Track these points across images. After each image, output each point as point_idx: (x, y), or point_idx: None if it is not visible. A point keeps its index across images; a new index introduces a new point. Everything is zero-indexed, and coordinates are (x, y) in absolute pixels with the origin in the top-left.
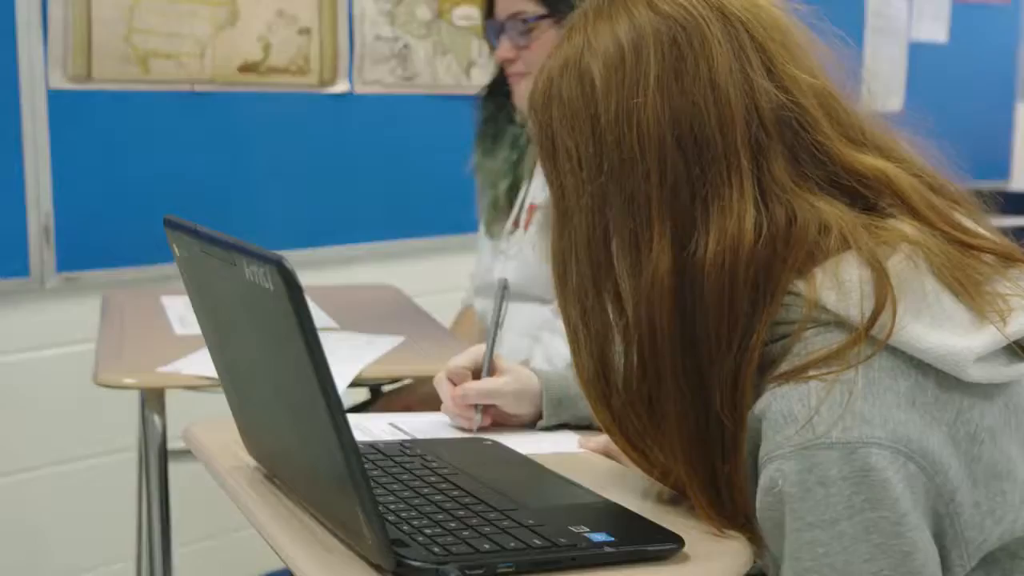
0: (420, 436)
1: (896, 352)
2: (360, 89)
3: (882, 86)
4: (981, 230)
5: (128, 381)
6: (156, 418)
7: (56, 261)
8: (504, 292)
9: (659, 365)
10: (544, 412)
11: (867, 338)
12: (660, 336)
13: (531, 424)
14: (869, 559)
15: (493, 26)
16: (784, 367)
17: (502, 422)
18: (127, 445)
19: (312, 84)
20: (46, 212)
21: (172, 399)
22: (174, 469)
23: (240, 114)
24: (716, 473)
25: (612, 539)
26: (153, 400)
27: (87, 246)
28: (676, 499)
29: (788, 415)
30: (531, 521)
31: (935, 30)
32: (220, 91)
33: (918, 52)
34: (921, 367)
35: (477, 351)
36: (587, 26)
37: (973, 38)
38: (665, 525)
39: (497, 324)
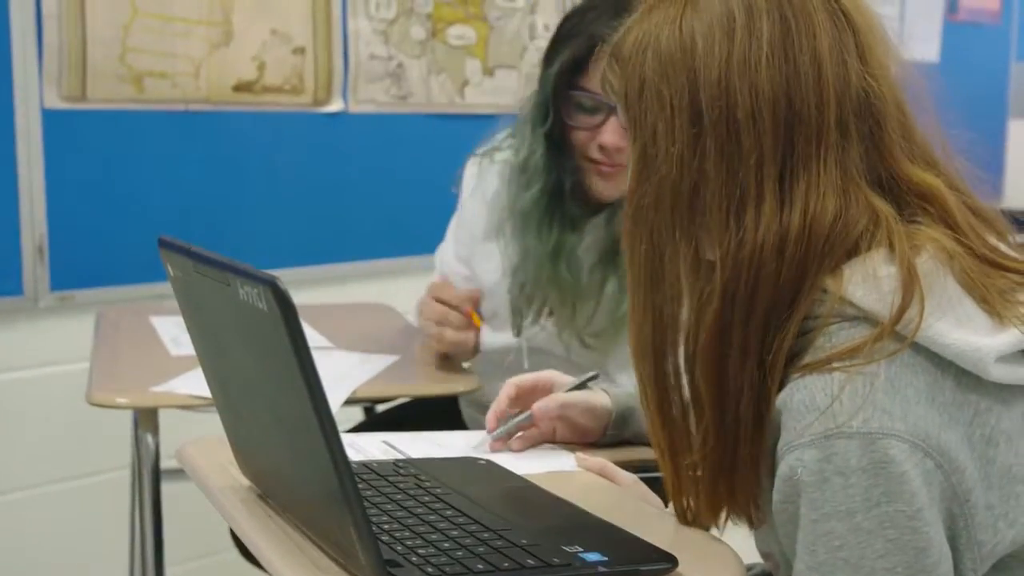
0: (414, 455)
1: (919, 349)
2: (354, 108)
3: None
4: (1011, 252)
5: (121, 401)
6: (149, 437)
7: (50, 280)
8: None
9: (732, 333)
10: (611, 425)
11: (892, 334)
12: (739, 303)
13: (595, 442)
14: (883, 555)
15: (598, 103)
16: (807, 359)
17: (568, 440)
18: (120, 464)
19: (306, 103)
20: (40, 231)
21: (166, 418)
22: (167, 488)
23: (234, 133)
24: (736, 461)
25: (605, 559)
26: (146, 419)
27: (81, 265)
28: (670, 519)
29: (810, 404)
30: (525, 541)
31: (926, 49)
32: (214, 110)
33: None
34: (941, 366)
35: (545, 375)
36: None
37: (964, 57)
38: (659, 545)
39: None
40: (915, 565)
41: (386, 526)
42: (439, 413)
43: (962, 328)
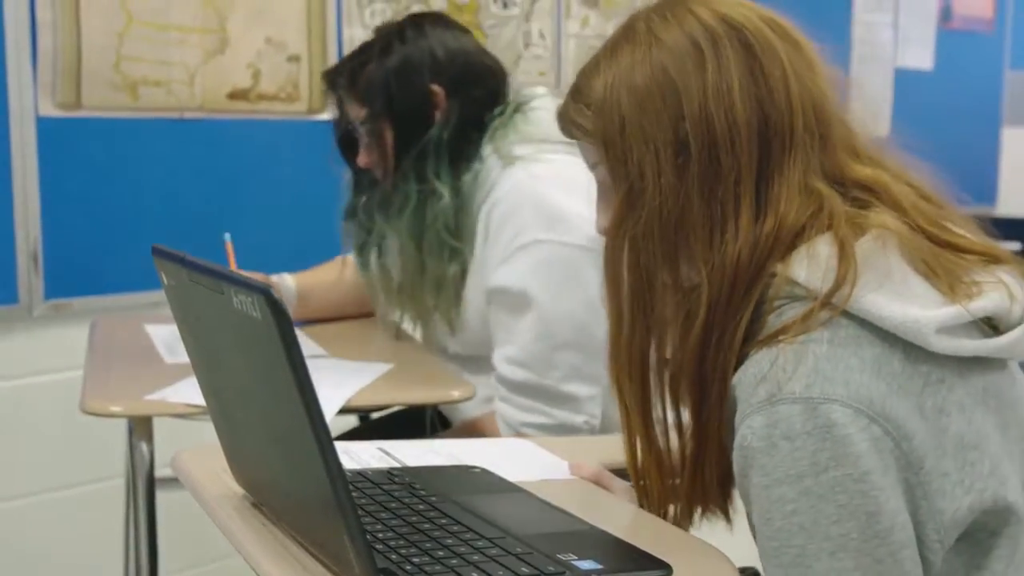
0: (410, 463)
1: (864, 324)
2: None
3: (868, 112)
4: (967, 234)
5: (115, 409)
6: (144, 446)
7: (44, 288)
8: None
9: (714, 343)
10: None
11: (828, 306)
12: (721, 314)
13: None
14: (836, 520)
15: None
16: (760, 337)
17: None
18: (115, 473)
19: (301, 111)
20: (34, 239)
21: (160, 427)
22: (162, 497)
23: (229, 141)
24: (709, 454)
25: (599, 567)
26: (141, 428)
27: (75, 273)
28: (664, 526)
29: (758, 375)
30: (519, 549)
31: (920, 57)
32: (209, 118)
33: (904, 79)
34: (888, 339)
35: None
36: (646, 26)
37: (958, 65)
38: (653, 552)
39: None
40: (867, 531)
41: (380, 535)
42: (432, 421)
43: (900, 301)
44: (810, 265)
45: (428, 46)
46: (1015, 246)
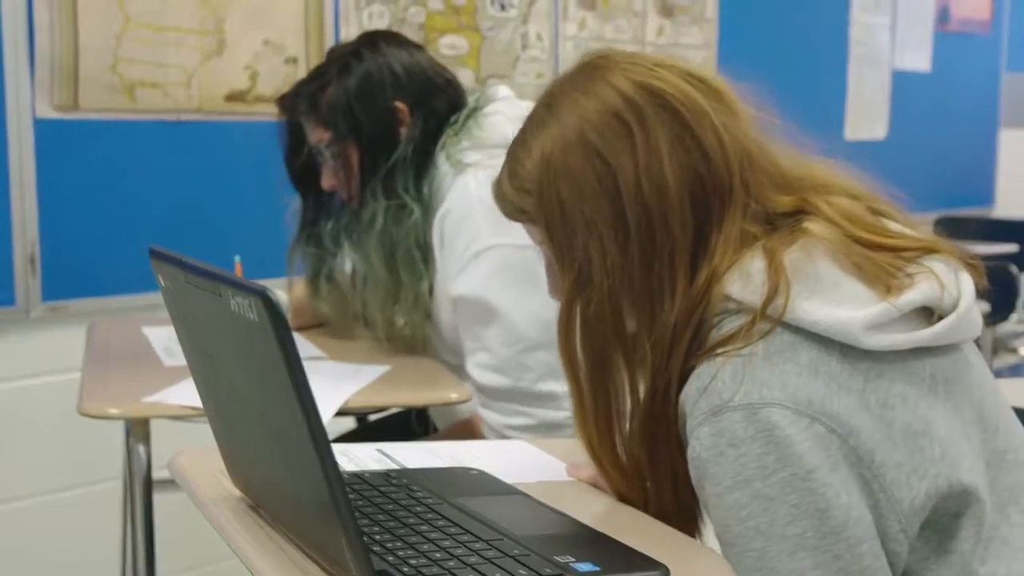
0: (409, 464)
1: (798, 330)
2: None
3: (866, 115)
4: (907, 232)
5: (112, 411)
6: (141, 448)
7: (41, 290)
8: None
9: (661, 389)
10: None
11: (764, 317)
12: (664, 369)
13: None
14: (791, 520)
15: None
16: (700, 351)
17: None
18: (112, 474)
19: None
20: (32, 241)
21: (157, 428)
22: (159, 499)
23: (226, 143)
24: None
25: (597, 568)
26: (138, 430)
27: (73, 275)
28: (661, 528)
29: (700, 388)
30: (516, 551)
31: (918, 59)
32: (206, 120)
33: (901, 81)
34: (823, 341)
35: None
36: (570, 99)
37: (955, 67)
38: (650, 554)
39: None
40: (822, 527)
41: (377, 536)
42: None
43: (830, 305)
44: (742, 280)
45: (386, 63)
46: (1012, 247)
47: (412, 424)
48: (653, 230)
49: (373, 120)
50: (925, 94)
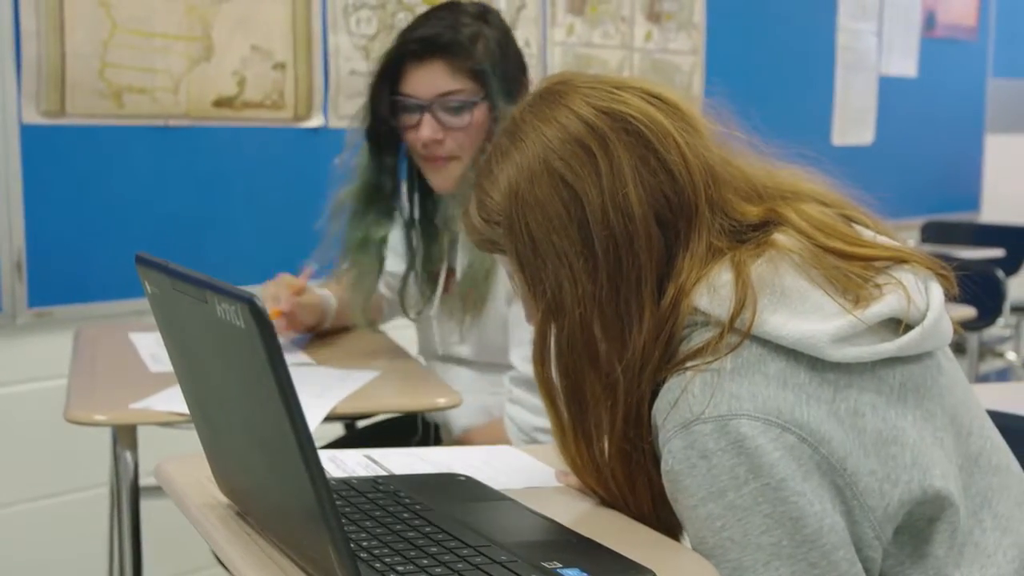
0: (397, 471)
1: (766, 343)
2: (335, 123)
3: (853, 120)
4: (880, 240)
5: (99, 418)
6: (128, 455)
7: (28, 296)
8: None
9: (635, 413)
10: None
11: (732, 331)
12: (635, 388)
13: None
14: (765, 530)
15: (413, 104)
16: (670, 364)
17: None
18: (99, 481)
19: (287, 119)
20: (18, 247)
21: (144, 435)
22: (146, 506)
23: (214, 149)
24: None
25: (584, 574)
26: (125, 436)
27: (59, 281)
28: (648, 533)
29: (670, 402)
30: (504, 557)
31: (904, 65)
32: (194, 126)
33: (888, 86)
34: (791, 354)
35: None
36: (532, 128)
37: (942, 72)
38: (637, 559)
39: None
40: (796, 536)
41: (365, 543)
42: (418, 428)
43: (797, 319)
44: (710, 293)
45: (503, 25)
46: (998, 252)
47: (418, 428)
48: (620, 255)
49: (513, 93)
50: (912, 100)
